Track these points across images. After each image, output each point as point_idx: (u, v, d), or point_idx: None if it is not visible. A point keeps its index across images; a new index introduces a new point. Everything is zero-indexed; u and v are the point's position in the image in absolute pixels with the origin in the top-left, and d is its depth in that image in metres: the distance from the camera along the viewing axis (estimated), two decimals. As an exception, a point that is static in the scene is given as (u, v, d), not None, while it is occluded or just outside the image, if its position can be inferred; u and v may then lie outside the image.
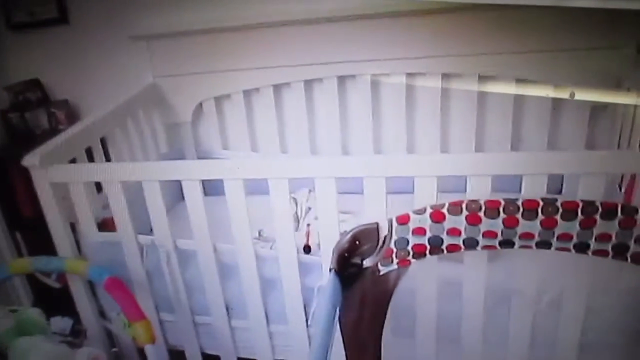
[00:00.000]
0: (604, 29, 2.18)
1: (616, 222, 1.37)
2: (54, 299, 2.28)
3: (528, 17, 2.23)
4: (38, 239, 2.15)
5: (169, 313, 2.12)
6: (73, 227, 2.06)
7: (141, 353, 2.12)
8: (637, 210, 1.36)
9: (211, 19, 2.53)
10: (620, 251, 1.41)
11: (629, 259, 1.42)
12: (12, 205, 2.73)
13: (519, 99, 2.45)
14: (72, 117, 2.94)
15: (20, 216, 2.75)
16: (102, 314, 2.21)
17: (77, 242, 2.08)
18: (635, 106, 2.05)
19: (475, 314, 1.73)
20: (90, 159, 2.20)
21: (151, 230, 1.99)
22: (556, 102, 2.40)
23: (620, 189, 2.08)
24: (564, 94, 2.30)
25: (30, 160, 1.88)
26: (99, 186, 2.07)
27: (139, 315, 1.82)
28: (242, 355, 2.14)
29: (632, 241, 1.39)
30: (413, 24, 2.36)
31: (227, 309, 2.03)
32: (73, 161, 2.06)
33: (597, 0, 1.14)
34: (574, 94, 2.28)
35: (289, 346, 2.04)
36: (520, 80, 2.39)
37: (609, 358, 1.77)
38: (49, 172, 1.90)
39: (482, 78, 2.43)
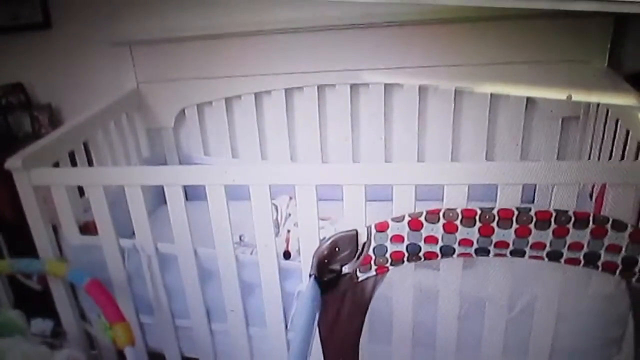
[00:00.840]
0: (575, 42, 2.25)
1: (588, 231, 1.41)
2: (35, 300, 2.28)
3: (500, 30, 2.29)
4: (19, 240, 2.15)
5: (149, 316, 2.13)
6: (55, 230, 2.06)
7: (121, 356, 2.12)
8: (607, 220, 1.40)
9: (194, 26, 2.55)
10: (591, 259, 1.45)
11: (599, 268, 1.46)
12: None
13: (493, 111, 2.50)
14: (55, 121, 2.94)
15: (2, 218, 2.75)
16: (82, 316, 2.21)
17: (59, 245, 2.08)
18: (606, 118, 2.09)
19: (450, 321, 1.76)
20: (73, 162, 2.21)
21: (132, 233, 1.99)
22: (528, 114, 2.46)
23: (591, 198, 2.13)
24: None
25: (12, 163, 1.88)
26: (80, 189, 2.08)
27: (118, 317, 1.82)
28: (222, 359, 2.15)
29: (603, 250, 1.43)
30: (388, 35, 2.40)
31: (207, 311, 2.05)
32: (56, 165, 2.07)
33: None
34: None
35: (268, 350, 2.06)
36: (494, 93, 2.45)
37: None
38: (31, 175, 1.91)
39: (458, 89, 2.48)
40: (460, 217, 1.46)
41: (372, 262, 1.54)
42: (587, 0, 1.17)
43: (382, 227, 1.51)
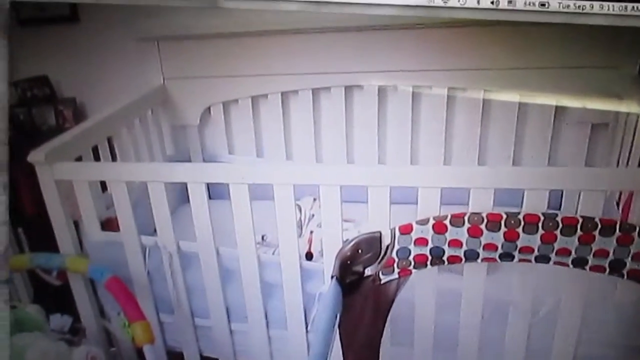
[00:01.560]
0: (605, 48, 2.21)
1: (614, 239, 1.39)
2: (54, 296, 2.29)
3: (532, 34, 2.25)
4: (40, 235, 2.15)
5: (169, 314, 2.12)
6: (76, 225, 2.06)
7: (139, 354, 2.12)
8: (634, 228, 1.38)
9: (222, 23, 2.53)
10: (616, 267, 1.43)
11: (625, 276, 1.44)
12: (15, 201, 2.74)
13: (522, 117, 2.47)
14: (79, 115, 2.95)
15: (23, 212, 2.76)
16: (101, 313, 2.21)
17: (80, 241, 2.08)
18: (636, 125, 2.07)
19: (472, 325, 1.75)
20: (96, 157, 2.21)
21: (153, 231, 1.99)
22: (557, 120, 2.43)
23: (618, 207, 2.10)
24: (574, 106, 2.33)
25: (35, 156, 1.89)
26: (103, 185, 2.08)
27: (138, 315, 1.82)
28: (241, 359, 2.15)
29: (629, 258, 1.41)
30: (421, 38, 2.37)
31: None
32: (79, 159, 2.06)
33: (612, 18, 1.16)
34: (585, 107, 2.30)
35: (288, 351, 2.05)
36: (523, 97, 2.42)
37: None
38: (54, 169, 1.91)
39: (487, 93, 2.45)
40: (485, 221, 1.44)
41: (395, 265, 1.53)
42: (602, 15, 1.16)
43: (406, 230, 1.50)
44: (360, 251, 1.51)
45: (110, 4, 1.55)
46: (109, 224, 2.09)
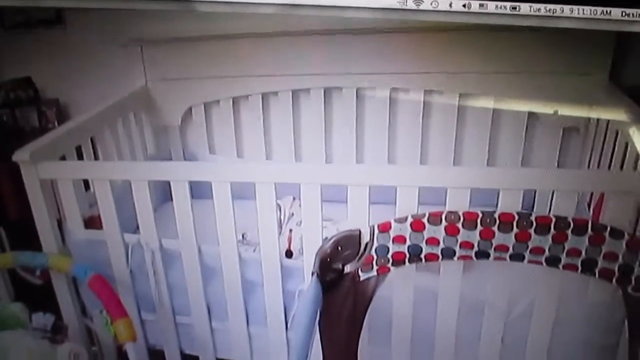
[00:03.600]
0: (578, 54, 2.27)
1: (586, 238, 1.44)
2: (35, 295, 2.29)
3: (504, 40, 2.31)
4: (21, 234, 2.16)
5: (151, 312, 2.14)
6: (59, 224, 2.08)
7: (120, 352, 2.14)
8: (605, 228, 1.43)
9: (205, 26, 2.54)
10: (589, 266, 1.48)
11: (596, 274, 1.48)
12: (-3, 201, 2.74)
13: (495, 120, 2.53)
14: (62, 116, 2.95)
15: (4, 211, 2.76)
16: (83, 311, 2.22)
17: (62, 239, 2.10)
18: (606, 129, 2.12)
19: (449, 322, 1.78)
20: (79, 157, 2.22)
21: (135, 230, 2.01)
22: (530, 123, 2.49)
23: (589, 208, 2.15)
24: (547, 110, 2.38)
25: (20, 155, 1.89)
26: (85, 185, 2.10)
27: (121, 312, 1.83)
28: (221, 357, 2.16)
29: (601, 257, 1.45)
30: (401, 41, 2.41)
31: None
32: (62, 158, 2.07)
33: (582, 22, 1.20)
34: (557, 111, 2.35)
35: (268, 349, 2.07)
36: (498, 101, 2.48)
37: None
38: (38, 168, 1.91)
39: (462, 96, 2.51)
40: (462, 219, 1.48)
41: (374, 262, 1.57)
42: (572, 18, 1.20)
43: (384, 228, 1.54)
44: (340, 248, 1.54)
45: (95, 7, 1.57)
46: (92, 222, 2.10)
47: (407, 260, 1.57)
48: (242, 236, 2.21)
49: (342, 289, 1.58)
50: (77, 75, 2.89)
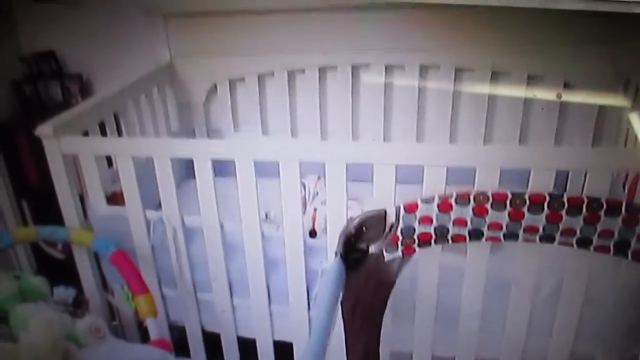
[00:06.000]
0: (608, 20, 2.14)
1: (619, 219, 1.39)
2: (57, 269, 2.30)
3: (531, 12, 2.25)
4: (44, 208, 2.16)
5: (172, 289, 2.14)
6: (81, 200, 2.07)
7: (141, 327, 2.14)
8: (640, 208, 1.38)
9: (230, 1, 2.54)
10: (621, 248, 1.43)
11: (629, 256, 1.44)
12: (19, 174, 2.75)
13: (528, 97, 2.48)
14: (85, 91, 2.96)
15: (27, 184, 2.77)
16: (104, 286, 2.22)
17: (85, 214, 2.09)
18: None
19: (474, 301, 1.76)
20: (103, 132, 2.21)
21: (157, 206, 2.01)
22: (564, 100, 2.43)
23: (624, 188, 2.10)
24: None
25: (43, 130, 1.89)
26: (108, 160, 2.09)
27: (142, 288, 1.84)
28: (242, 334, 2.16)
29: (634, 238, 1.41)
30: (428, 17, 2.38)
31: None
32: (85, 134, 2.07)
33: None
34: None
35: (289, 327, 2.06)
36: (530, 78, 2.43)
37: (603, 349, 1.79)
38: (61, 142, 1.91)
39: (495, 74, 2.46)
40: (490, 200, 1.44)
41: (399, 243, 1.53)
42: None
43: (410, 208, 1.50)
44: (365, 228, 1.51)
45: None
46: (115, 198, 2.10)
47: (433, 241, 1.53)
48: (265, 215, 2.19)
49: (366, 269, 1.55)
50: (100, 49, 2.89)
